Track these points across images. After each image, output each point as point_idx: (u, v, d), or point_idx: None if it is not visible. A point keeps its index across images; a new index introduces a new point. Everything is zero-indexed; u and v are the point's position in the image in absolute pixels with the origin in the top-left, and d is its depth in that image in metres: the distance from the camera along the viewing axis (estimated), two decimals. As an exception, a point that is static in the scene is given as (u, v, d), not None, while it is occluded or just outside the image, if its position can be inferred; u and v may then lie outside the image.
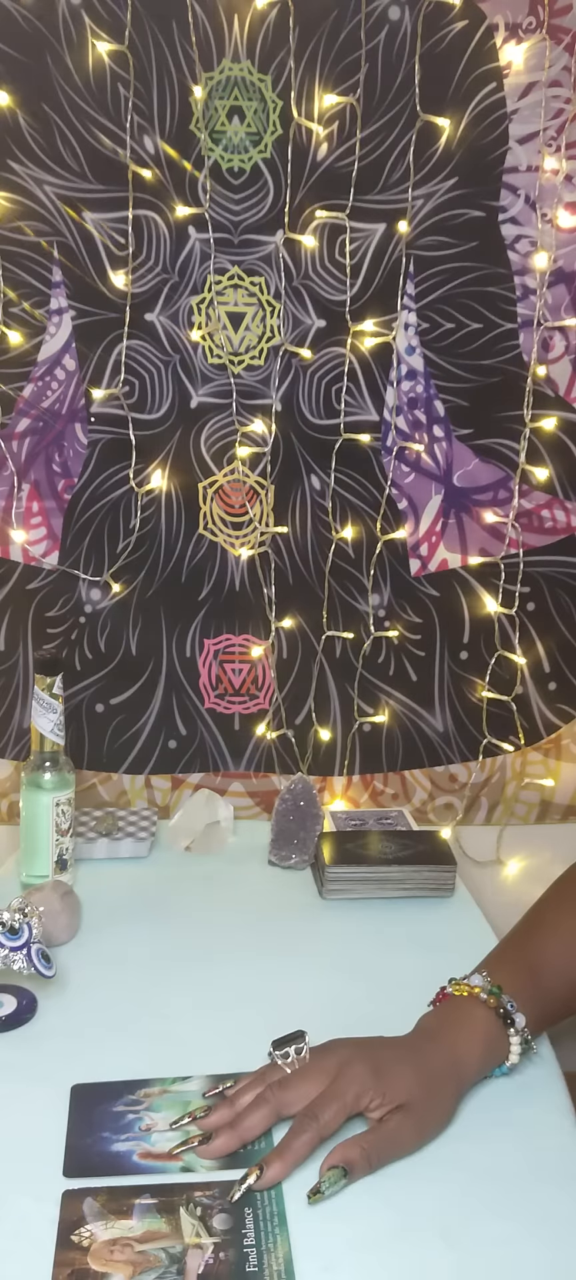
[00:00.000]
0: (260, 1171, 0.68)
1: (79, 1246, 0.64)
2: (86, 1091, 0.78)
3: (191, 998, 0.92)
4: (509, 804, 1.35)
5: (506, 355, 1.25)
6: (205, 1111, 0.75)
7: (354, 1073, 0.72)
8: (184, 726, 1.31)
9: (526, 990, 0.81)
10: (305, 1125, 0.70)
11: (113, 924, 1.05)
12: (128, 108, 1.17)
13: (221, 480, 1.27)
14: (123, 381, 1.23)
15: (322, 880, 1.13)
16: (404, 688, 1.32)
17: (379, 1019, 0.80)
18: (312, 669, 1.31)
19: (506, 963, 0.84)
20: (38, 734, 1.10)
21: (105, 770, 1.32)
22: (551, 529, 1.29)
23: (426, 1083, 0.74)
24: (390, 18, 1.17)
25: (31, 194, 1.18)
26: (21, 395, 1.23)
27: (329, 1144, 0.70)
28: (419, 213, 1.21)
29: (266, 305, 1.23)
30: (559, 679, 1.33)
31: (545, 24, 1.17)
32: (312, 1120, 0.70)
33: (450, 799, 1.35)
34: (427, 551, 1.30)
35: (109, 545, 1.27)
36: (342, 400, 1.25)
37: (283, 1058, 0.76)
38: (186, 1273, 0.62)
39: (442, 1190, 0.69)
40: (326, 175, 1.20)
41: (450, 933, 1.06)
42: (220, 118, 1.18)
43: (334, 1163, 0.68)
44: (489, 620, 1.31)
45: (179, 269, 1.22)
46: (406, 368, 1.25)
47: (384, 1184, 0.70)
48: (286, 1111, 0.72)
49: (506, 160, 1.21)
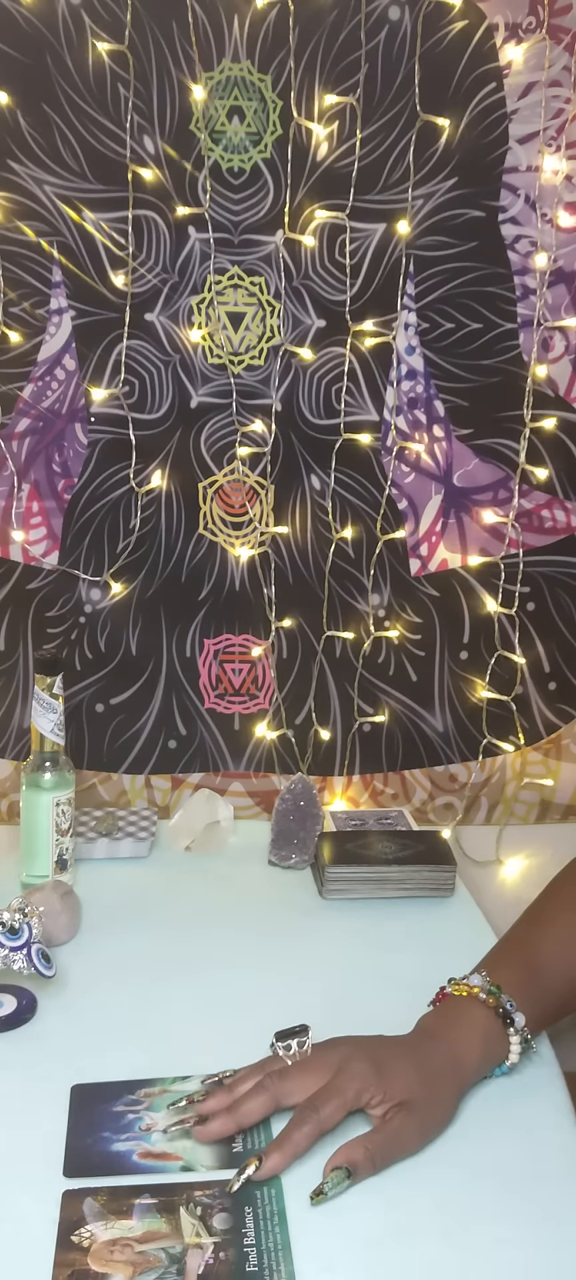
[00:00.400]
0: (259, 1162, 0.68)
1: (79, 1247, 0.64)
2: (86, 1091, 0.78)
3: (191, 997, 0.92)
4: (508, 804, 1.35)
5: (506, 355, 1.25)
6: (203, 1096, 0.76)
7: (355, 1069, 0.72)
8: (184, 726, 1.31)
9: (525, 989, 0.81)
10: (305, 1117, 0.70)
11: (113, 924, 1.05)
12: (128, 108, 1.17)
13: (221, 480, 1.27)
14: (123, 381, 1.23)
15: (322, 880, 1.13)
16: (404, 688, 1.32)
17: (379, 1019, 0.80)
18: (312, 669, 1.31)
19: (505, 962, 0.84)
20: (38, 734, 1.10)
21: (105, 770, 1.32)
22: (551, 529, 1.29)
23: (427, 1081, 0.74)
24: (390, 18, 1.17)
25: (31, 194, 1.18)
26: (21, 395, 1.23)
27: (330, 1143, 0.70)
28: (419, 213, 1.21)
29: (266, 305, 1.23)
30: (559, 679, 1.33)
31: (545, 24, 1.17)
32: (313, 1112, 0.70)
33: (450, 799, 1.35)
34: (427, 551, 1.30)
35: (109, 545, 1.27)
36: (342, 400, 1.25)
37: (284, 1049, 0.77)
38: (186, 1273, 0.62)
39: (442, 1190, 0.69)
40: (326, 175, 1.20)
41: (450, 933, 1.06)
42: (220, 118, 1.18)
43: (337, 1164, 0.68)
44: (489, 620, 1.31)
45: (179, 269, 1.22)
46: (406, 368, 1.25)
47: (384, 1183, 0.70)
48: (285, 1101, 0.72)
49: (506, 160, 1.21)
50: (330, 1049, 0.76)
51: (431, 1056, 0.76)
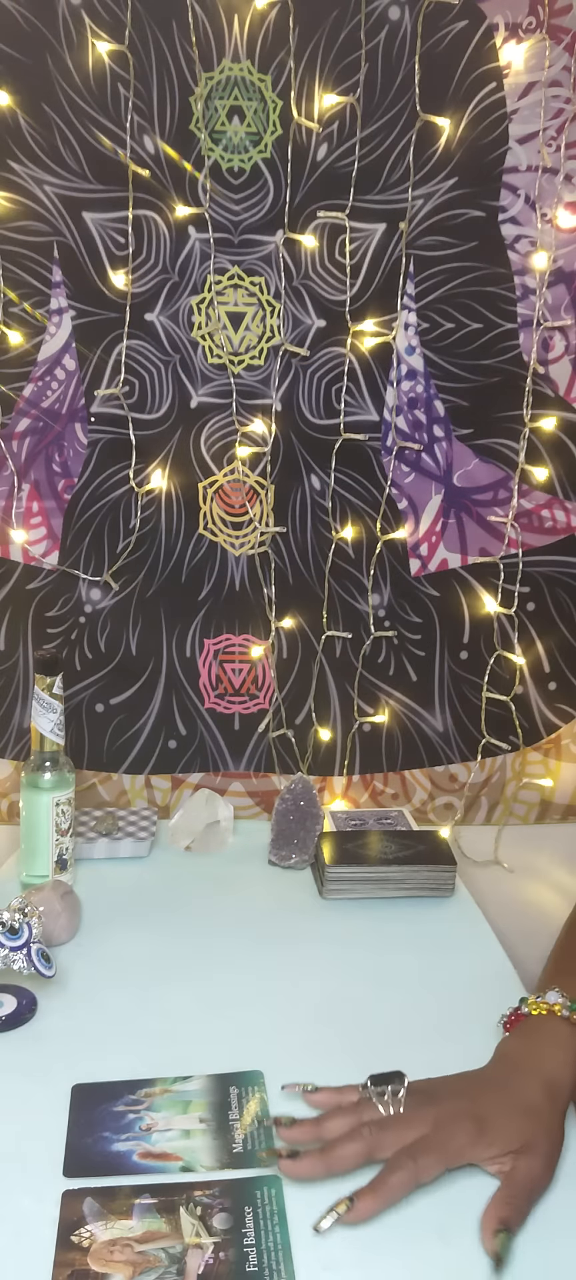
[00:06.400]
0: (350, 1203, 0.66)
1: (79, 1247, 0.64)
2: (87, 1091, 0.78)
3: (191, 997, 0.92)
4: (508, 804, 1.35)
5: (506, 355, 1.25)
6: (290, 1123, 0.73)
7: (456, 1128, 0.70)
8: (184, 726, 1.31)
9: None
10: (402, 1163, 0.67)
11: (113, 924, 1.05)
12: (128, 108, 1.17)
13: (221, 480, 1.27)
14: (123, 381, 1.23)
15: (322, 880, 1.13)
16: (404, 688, 1.32)
17: (379, 1019, 0.80)
18: (312, 669, 1.31)
19: (572, 974, 0.83)
20: (38, 734, 1.10)
21: (105, 770, 1.32)
22: (551, 529, 1.29)
23: (533, 1119, 0.71)
24: (390, 18, 1.17)
25: (31, 194, 1.18)
26: (21, 395, 1.23)
27: (340, 1183, 0.68)
28: (419, 213, 1.21)
29: (266, 305, 1.23)
30: (558, 679, 1.33)
31: (545, 24, 1.17)
32: (411, 1161, 0.67)
33: (450, 799, 1.35)
34: (427, 551, 1.30)
35: (109, 545, 1.27)
36: (342, 400, 1.25)
37: (378, 1095, 0.73)
38: (186, 1273, 0.62)
39: (442, 1190, 0.69)
40: (326, 175, 1.20)
41: (450, 933, 1.06)
42: (220, 118, 1.18)
43: (495, 1229, 0.65)
44: (488, 620, 1.31)
45: (179, 269, 1.22)
46: (406, 368, 1.25)
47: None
48: (380, 1154, 0.69)
49: (506, 160, 1.21)
50: (428, 1102, 0.72)
51: (527, 1092, 0.73)
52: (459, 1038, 0.85)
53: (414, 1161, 0.67)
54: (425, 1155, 0.68)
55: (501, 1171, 0.69)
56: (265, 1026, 0.87)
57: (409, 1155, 0.67)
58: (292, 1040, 0.85)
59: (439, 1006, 0.91)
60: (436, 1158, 0.68)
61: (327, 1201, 0.66)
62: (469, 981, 0.95)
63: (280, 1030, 0.87)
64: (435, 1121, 0.70)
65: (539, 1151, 0.70)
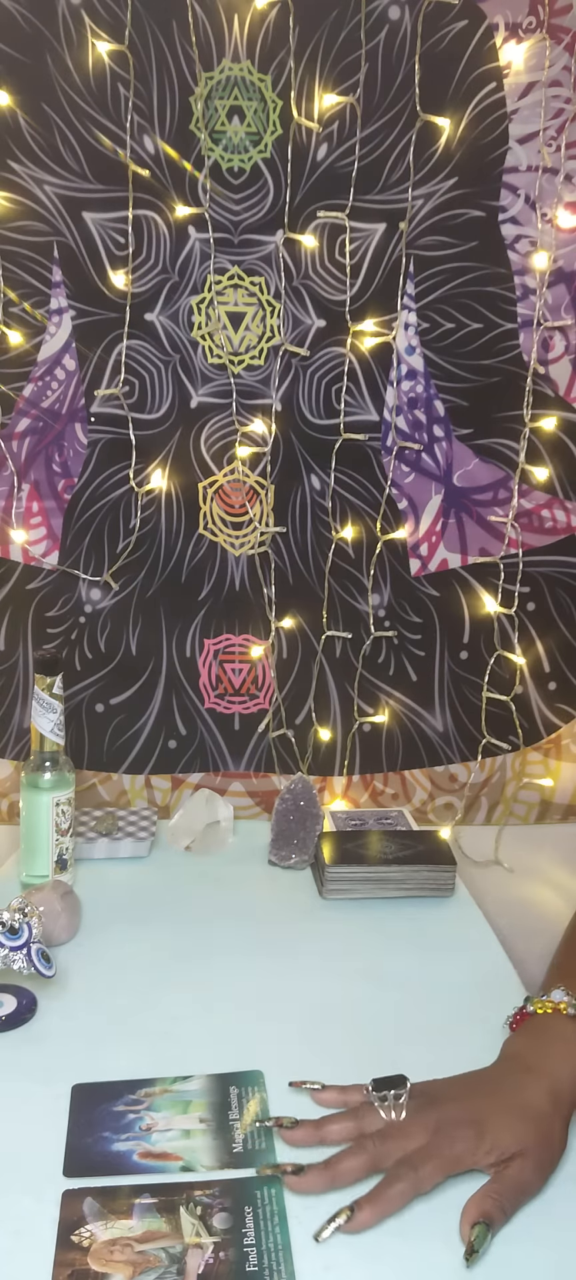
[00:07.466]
0: (350, 1213, 0.65)
1: (79, 1246, 0.64)
2: (87, 1091, 0.78)
3: (191, 997, 0.92)
4: (508, 804, 1.35)
5: (506, 355, 1.25)
6: (292, 1124, 0.73)
7: (456, 1133, 0.69)
8: (184, 726, 1.31)
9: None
10: (402, 1174, 0.67)
11: (113, 924, 1.05)
12: (128, 108, 1.17)
13: (221, 480, 1.27)
14: (123, 381, 1.23)
15: (322, 880, 1.13)
16: (404, 688, 1.32)
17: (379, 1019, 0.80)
18: (312, 669, 1.31)
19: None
20: (38, 734, 1.10)
21: (105, 770, 1.32)
22: (551, 529, 1.29)
23: (534, 1123, 0.71)
24: (390, 18, 1.17)
25: (31, 194, 1.18)
26: (21, 395, 1.23)
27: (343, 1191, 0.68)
28: (419, 213, 1.21)
29: (266, 305, 1.23)
30: (558, 679, 1.33)
31: (545, 24, 1.17)
32: (411, 1171, 0.67)
33: (450, 799, 1.35)
34: (427, 551, 1.30)
35: (109, 545, 1.27)
36: (342, 400, 1.25)
37: (380, 1100, 0.73)
38: (186, 1273, 0.62)
39: (442, 1189, 0.69)
40: (326, 175, 1.20)
41: (450, 933, 1.06)
42: (220, 118, 1.18)
43: (473, 1219, 0.65)
44: (488, 620, 1.31)
45: (179, 269, 1.22)
46: (406, 368, 1.25)
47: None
48: (383, 1165, 0.69)
49: (506, 160, 1.21)
50: (429, 1108, 0.72)
51: (531, 1094, 0.73)
52: (458, 1038, 0.85)
53: (414, 1172, 0.67)
54: (424, 1164, 0.68)
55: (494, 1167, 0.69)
56: (265, 1026, 0.87)
57: (409, 1165, 0.68)
58: (292, 1040, 0.85)
59: (438, 1006, 0.91)
60: (436, 1166, 0.68)
61: (328, 1204, 0.66)
62: (469, 981, 0.95)
63: (280, 1030, 0.87)
64: (436, 1127, 0.70)
65: (533, 1156, 0.70)
